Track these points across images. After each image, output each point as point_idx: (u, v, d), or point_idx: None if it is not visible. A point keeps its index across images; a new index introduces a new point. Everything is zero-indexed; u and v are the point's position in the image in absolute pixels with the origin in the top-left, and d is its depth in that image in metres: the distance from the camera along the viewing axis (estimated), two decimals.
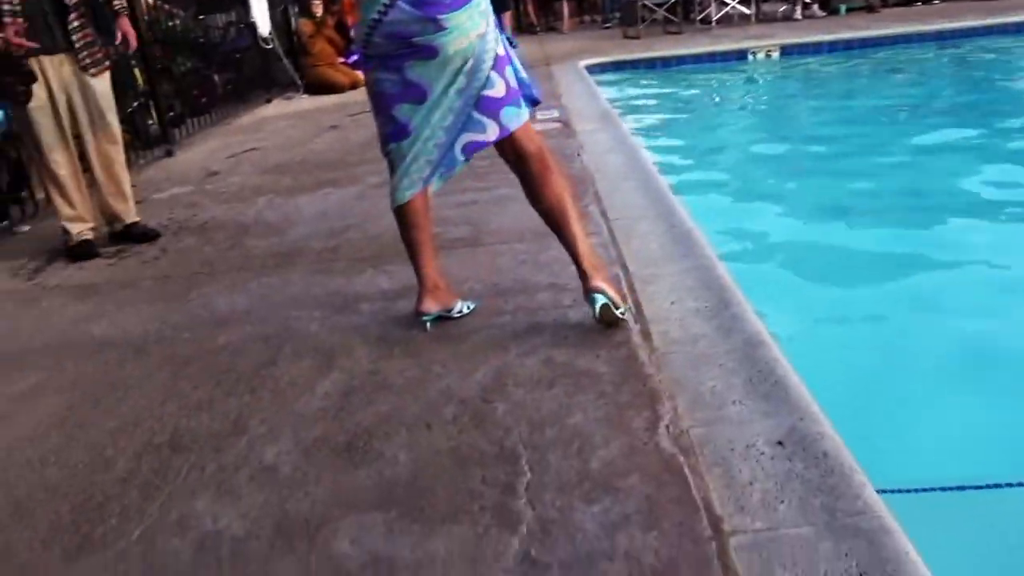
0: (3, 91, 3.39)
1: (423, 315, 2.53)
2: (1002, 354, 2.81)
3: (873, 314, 3.22)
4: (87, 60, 3.53)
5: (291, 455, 1.97)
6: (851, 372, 2.79)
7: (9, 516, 1.87)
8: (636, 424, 1.92)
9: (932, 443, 2.42)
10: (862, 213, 4.39)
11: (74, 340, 2.81)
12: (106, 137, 3.66)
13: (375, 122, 2.49)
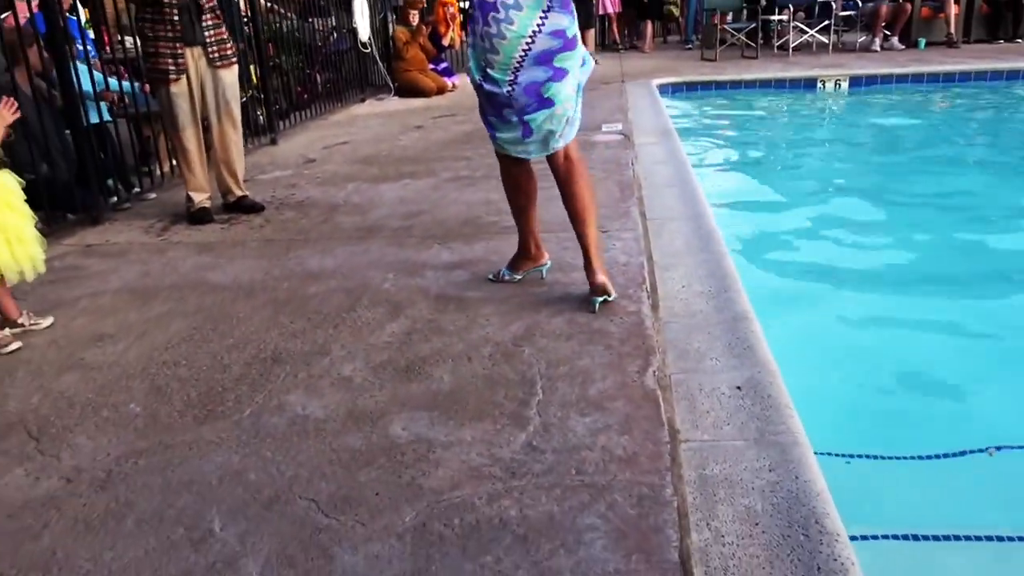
0: (156, 73, 4.11)
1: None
2: None
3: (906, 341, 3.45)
4: (215, 54, 4.23)
5: (362, 372, 2.56)
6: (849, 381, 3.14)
7: (153, 397, 2.50)
8: (630, 368, 2.44)
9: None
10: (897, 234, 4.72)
11: (195, 282, 3.47)
12: (229, 122, 4.35)
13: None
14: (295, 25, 7.77)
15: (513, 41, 2.71)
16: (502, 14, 2.70)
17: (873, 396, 2.92)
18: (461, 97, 8.66)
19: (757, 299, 2.90)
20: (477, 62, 2.84)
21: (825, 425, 2.37)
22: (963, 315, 3.61)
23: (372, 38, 8.62)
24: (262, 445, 2.18)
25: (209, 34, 4.18)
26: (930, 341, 3.41)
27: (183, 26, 4.09)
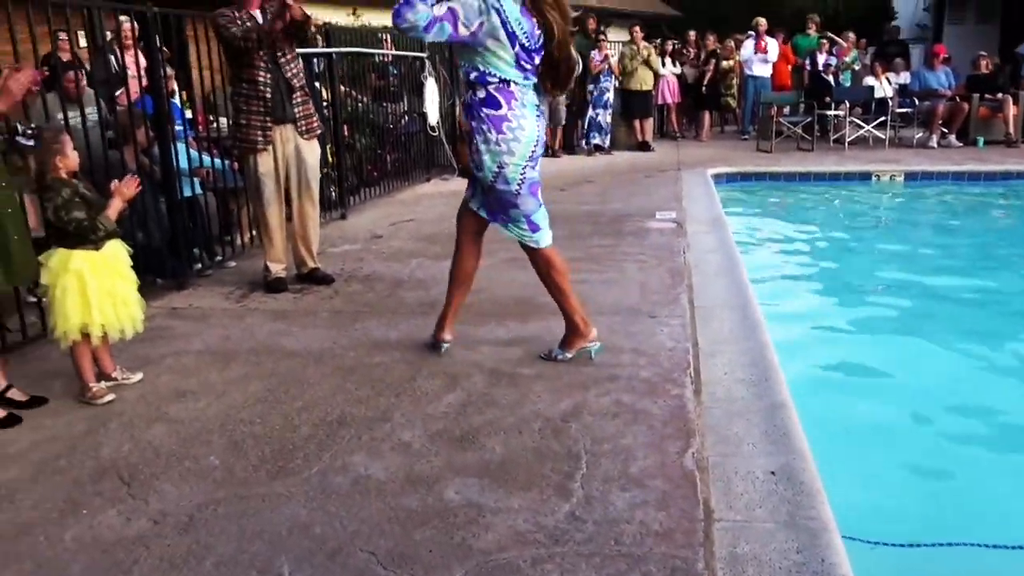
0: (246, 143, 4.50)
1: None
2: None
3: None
4: (303, 127, 4.62)
5: (421, 439, 2.77)
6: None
7: (230, 451, 2.74)
8: (670, 449, 2.59)
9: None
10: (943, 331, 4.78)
11: (270, 347, 3.76)
12: (309, 200, 4.72)
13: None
14: (369, 108, 8.29)
15: (527, 144, 3.13)
16: (515, 123, 3.11)
17: (906, 484, 3.00)
18: None
19: (796, 388, 3.04)
20: (491, 164, 3.16)
21: (854, 510, 2.47)
22: (1004, 413, 3.66)
23: (440, 122, 9.11)
24: (328, 501, 2.39)
25: (298, 110, 4.58)
26: (965, 435, 3.48)
27: (274, 104, 4.50)
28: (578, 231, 6.06)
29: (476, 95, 3.15)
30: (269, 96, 4.47)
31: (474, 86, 3.16)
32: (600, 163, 10.35)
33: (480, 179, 3.27)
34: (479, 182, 3.31)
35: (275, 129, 4.54)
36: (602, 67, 10.79)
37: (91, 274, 3.06)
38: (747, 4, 23.79)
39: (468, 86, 3.23)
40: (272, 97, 4.48)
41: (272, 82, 4.47)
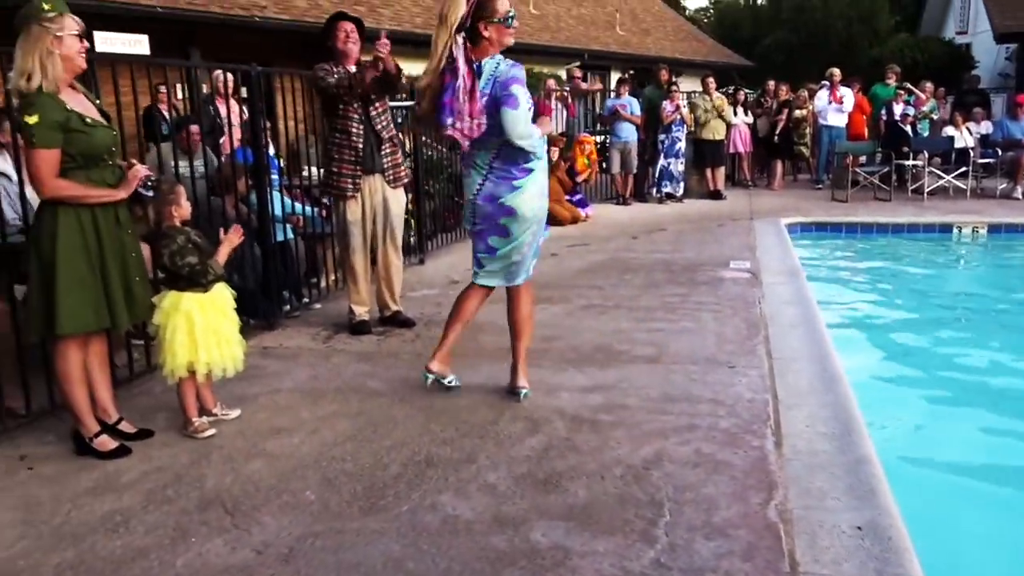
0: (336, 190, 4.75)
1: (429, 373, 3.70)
2: None
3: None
4: (391, 176, 4.84)
5: (506, 480, 2.85)
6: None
7: (324, 487, 2.88)
8: (753, 500, 2.62)
9: None
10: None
11: (357, 387, 3.91)
12: (392, 247, 4.92)
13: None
14: (446, 156, 8.57)
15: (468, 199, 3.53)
16: (465, 172, 3.54)
17: (997, 543, 2.94)
18: (594, 228, 9.15)
19: (879, 442, 3.02)
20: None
21: (944, 569, 2.45)
22: None
23: None
24: (419, 538, 2.49)
25: (386, 161, 4.81)
26: None
27: (364, 154, 4.73)
28: (652, 279, 6.12)
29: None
30: (360, 146, 4.71)
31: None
32: (671, 211, 10.40)
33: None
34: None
35: (364, 178, 4.77)
36: (674, 117, 10.90)
37: (199, 315, 3.28)
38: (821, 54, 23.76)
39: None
40: (363, 148, 4.72)
41: (363, 133, 4.72)
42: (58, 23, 2.89)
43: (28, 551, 2.49)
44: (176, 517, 2.68)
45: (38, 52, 2.86)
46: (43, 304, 2.96)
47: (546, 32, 15.85)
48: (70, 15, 2.94)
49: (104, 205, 3.04)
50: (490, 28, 3.32)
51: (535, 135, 3.35)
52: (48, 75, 2.86)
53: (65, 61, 2.92)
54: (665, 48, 19.55)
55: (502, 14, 3.32)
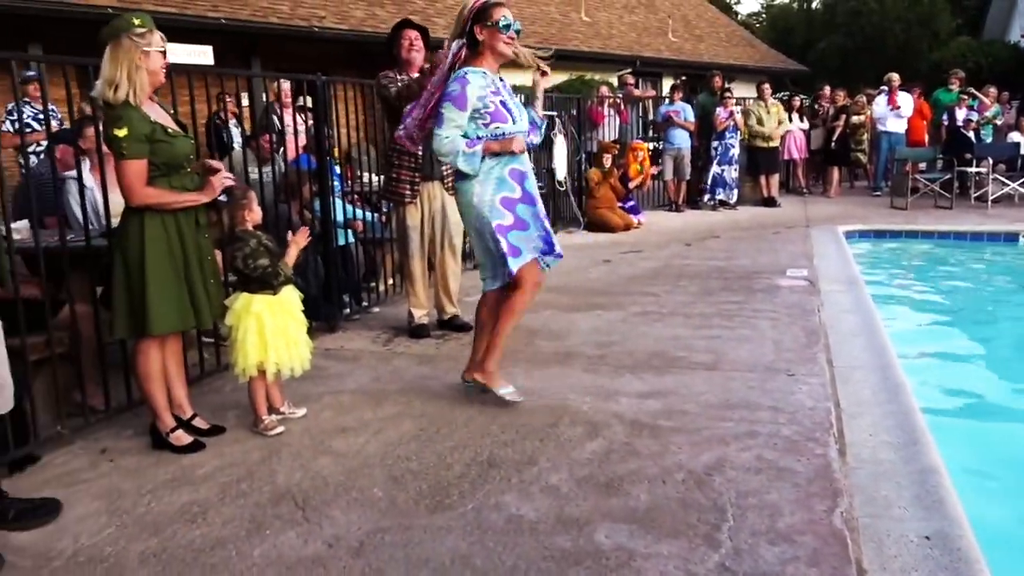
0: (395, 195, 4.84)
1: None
2: None
3: None
4: (450, 183, 4.92)
5: (567, 483, 2.89)
6: None
7: (391, 485, 2.95)
8: (818, 507, 2.62)
9: None
10: None
11: (418, 389, 4.00)
12: (451, 252, 5.01)
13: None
14: None
15: None
16: None
17: None
18: (647, 234, 9.15)
19: (947, 453, 2.99)
20: None
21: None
22: None
23: (567, 177, 9.38)
24: (484, 536, 2.54)
25: (445, 168, 4.89)
26: None
27: (423, 161, 4.82)
28: (707, 287, 6.10)
29: None
30: (420, 153, 4.80)
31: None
32: (724, 218, 10.33)
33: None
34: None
35: (423, 184, 4.87)
36: (727, 123, 10.83)
37: (269, 316, 3.39)
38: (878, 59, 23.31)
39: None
40: (422, 155, 4.81)
41: (426, 140, 4.80)
42: (147, 39, 3.04)
43: (114, 539, 2.62)
44: (250, 510, 2.78)
45: (127, 65, 3.00)
46: (131, 306, 3.10)
47: (597, 39, 15.88)
48: (158, 32, 3.08)
49: (186, 210, 3.17)
50: (484, 32, 3.42)
51: (454, 157, 3.44)
52: (134, 88, 3.01)
53: (150, 75, 3.06)
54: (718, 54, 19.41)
55: (496, 19, 3.40)
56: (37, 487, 3.00)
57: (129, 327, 3.14)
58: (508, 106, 3.52)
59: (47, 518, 2.72)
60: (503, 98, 3.50)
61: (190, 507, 2.82)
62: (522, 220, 3.57)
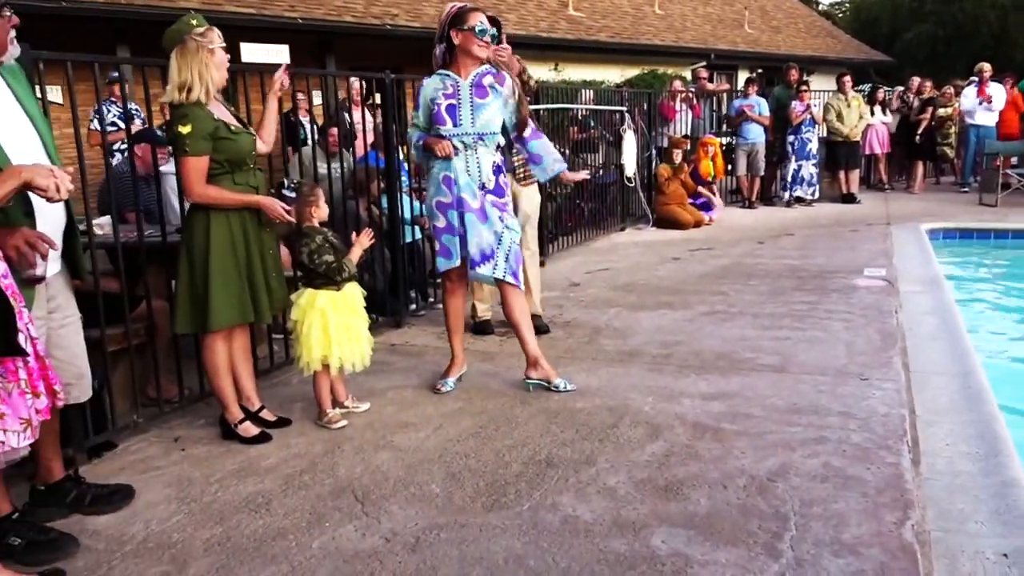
0: None
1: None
2: None
3: None
4: (521, 175, 4.92)
5: (625, 485, 2.86)
6: None
7: (449, 481, 2.97)
8: (887, 519, 2.51)
9: None
10: None
11: (480, 386, 4.01)
12: (529, 245, 4.94)
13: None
14: (568, 160, 8.61)
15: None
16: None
17: None
18: (718, 231, 8.96)
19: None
20: None
21: None
22: None
23: (636, 173, 9.26)
24: (539, 536, 2.53)
25: (515, 161, 4.88)
26: None
27: None
28: (779, 286, 5.94)
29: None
30: None
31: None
32: (800, 215, 10.04)
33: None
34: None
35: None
36: (803, 117, 10.51)
37: (332, 312, 3.45)
38: (970, 48, 22.28)
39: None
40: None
41: None
42: (208, 37, 3.12)
43: (181, 525, 2.71)
44: (312, 502, 2.84)
45: (197, 66, 3.09)
46: (193, 301, 3.20)
47: (671, 32, 15.63)
48: (216, 29, 3.15)
49: (251, 208, 3.25)
50: (459, 35, 3.63)
51: (414, 150, 3.94)
52: (206, 87, 3.09)
53: (216, 72, 3.14)
54: (796, 45, 18.86)
55: (471, 24, 3.61)
56: (114, 473, 3.13)
57: (191, 322, 3.23)
58: (457, 111, 3.68)
59: (121, 503, 2.83)
60: (454, 102, 3.68)
61: (255, 497, 2.90)
62: (451, 225, 3.77)
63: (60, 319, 2.59)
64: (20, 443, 2.17)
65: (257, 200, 3.26)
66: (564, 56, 13.21)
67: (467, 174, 3.72)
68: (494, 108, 3.72)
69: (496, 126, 3.74)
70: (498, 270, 3.79)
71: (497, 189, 3.79)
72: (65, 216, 2.56)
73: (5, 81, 2.44)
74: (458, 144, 3.69)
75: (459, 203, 3.71)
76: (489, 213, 3.75)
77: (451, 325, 3.99)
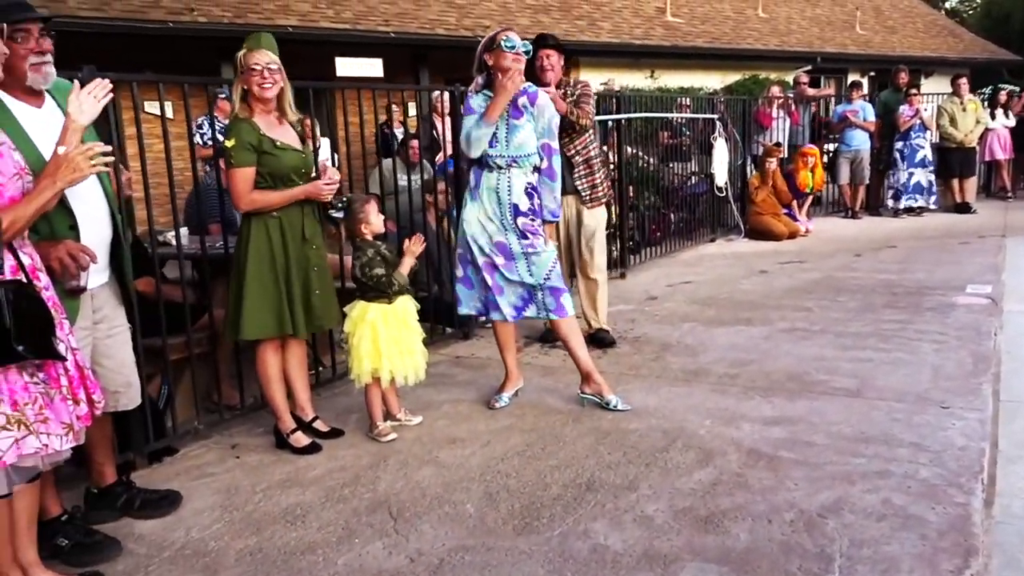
0: None
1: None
2: None
3: None
4: (587, 197, 4.82)
5: (664, 514, 2.73)
6: None
7: (485, 501, 2.92)
8: (944, 566, 2.29)
9: None
10: None
11: (535, 402, 3.95)
12: (592, 265, 4.84)
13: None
14: (656, 168, 8.42)
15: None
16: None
17: None
18: (813, 243, 8.56)
19: None
20: None
21: None
22: None
23: (728, 182, 8.97)
24: (564, 565, 2.45)
25: (580, 183, 4.79)
26: None
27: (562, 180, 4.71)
28: (869, 302, 5.60)
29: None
30: None
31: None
32: (907, 226, 9.46)
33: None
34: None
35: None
36: (912, 122, 9.91)
37: (383, 325, 3.47)
38: None
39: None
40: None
41: None
42: (250, 58, 3.20)
43: (220, 534, 2.78)
44: (347, 516, 2.86)
45: (239, 84, 3.21)
46: (234, 310, 3.29)
47: (774, 36, 15.09)
48: (261, 51, 3.21)
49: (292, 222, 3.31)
50: (492, 56, 3.65)
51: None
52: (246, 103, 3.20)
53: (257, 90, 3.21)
54: (913, 46, 17.83)
55: (499, 40, 3.61)
56: (169, 478, 3.25)
57: (231, 330, 3.32)
58: (494, 132, 3.67)
59: (168, 509, 2.93)
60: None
61: (294, 508, 2.94)
62: (468, 278, 3.93)
63: (107, 329, 2.70)
64: (62, 446, 2.26)
65: (303, 190, 3.32)
66: (660, 63, 12.97)
67: (496, 197, 3.71)
68: (528, 129, 3.71)
69: (530, 148, 3.72)
70: (541, 310, 3.82)
71: (530, 211, 3.75)
72: (111, 229, 2.67)
73: (55, 101, 2.57)
74: (491, 164, 3.71)
75: (488, 267, 3.77)
76: (516, 257, 3.74)
77: (500, 341, 3.95)
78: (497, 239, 3.73)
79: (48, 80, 2.49)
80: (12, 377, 2.12)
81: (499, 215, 3.72)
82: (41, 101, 2.55)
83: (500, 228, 3.72)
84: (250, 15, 8.81)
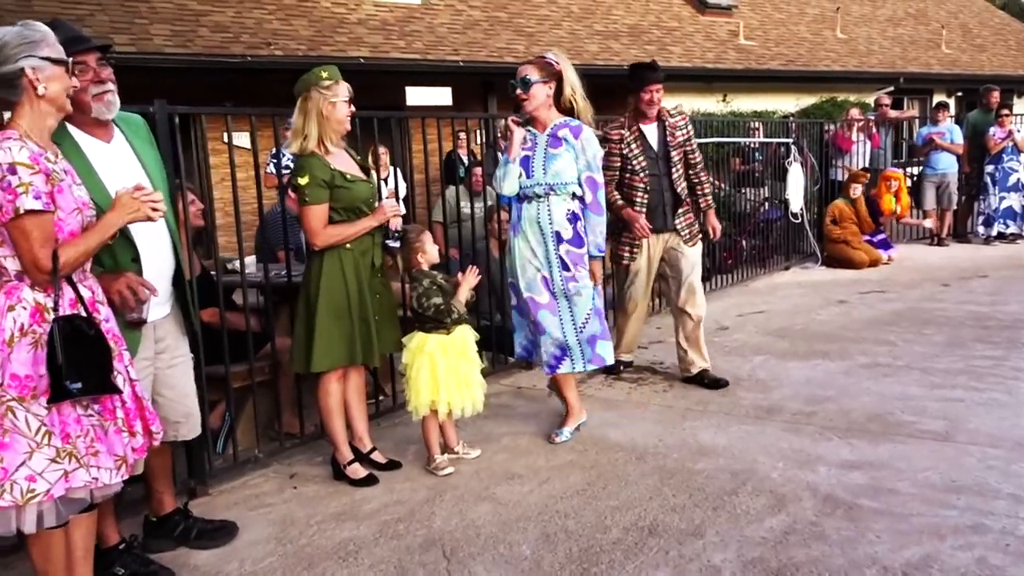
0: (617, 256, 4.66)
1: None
2: None
3: None
4: (687, 234, 4.58)
5: (732, 564, 2.56)
6: None
7: (541, 543, 2.80)
8: None
9: None
10: None
11: (597, 437, 3.81)
12: (691, 301, 4.54)
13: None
14: (728, 194, 8.20)
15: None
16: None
17: None
18: (896, 271, 8.16)
19: None
20: None
21: None
22: None
23: (804, 209, 8.66)
24: None
25: (680, 221, 4.54)
26: None
27: (654, 216, 4.49)
28: (958, 337, 5.26)
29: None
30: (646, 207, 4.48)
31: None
32: (999, 254, 8.94)
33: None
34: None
35: (651, 237, 4.52)
36: (1003, 144, 9.41)
37: (441, 356, 3.40)
38: None
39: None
40: (654, 208, 4.50)
41: (656, 192, 4.52)
42: (333, 90, 3.21)
43: (272, 568, 2.73)
44: (400, 554, 2.77)
45: (315, 116, 3.19)
46: (305, 341, 3.27)
47: (853, 57, 14.64)
48: (343, 83, 3.24)
49: (364, 252, 3.29)
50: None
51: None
52: (321, 137, 3.18)
53: (336, 124, 3.22)
54: (1005, 64, 17.05)
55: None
56: (227, 507, 3.24)
57: (300, 361, 3.30)
58: (530, 162, 3.68)
59: (224, 540, 2.91)
60: (529, 154, 3.70)
61: (347, 544, 2.87)
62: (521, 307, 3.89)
63: (168, 359, 2.71)
64: (112, 479, 2.25)
65: (374, 219, 3.31)
66: (732, 87, 12.74)
67: (538, 227, 3.65)
68: (567, 159, 3.63)
69: (568, 176, 3.63)
70: (577, 363, 3.75)
71: (574, 239, 3.65)
72: (173, 261, 2.68)
73: (125, 136, 2.60)
74: (530, 194, 3.67)
75: (532, 302, 3.72)
76: (558, 296, 3.67)
77: (558, 380, 3.86)
78: (543, 273, 3.67)
79: (112, 109, 2.51)
80: (65, 410, 2.12)
81: (543, 244, 3.65)
82: (110, 136, 2.58)
83: (545, 262, 3.66)
84: (324, 47, 9.00)
